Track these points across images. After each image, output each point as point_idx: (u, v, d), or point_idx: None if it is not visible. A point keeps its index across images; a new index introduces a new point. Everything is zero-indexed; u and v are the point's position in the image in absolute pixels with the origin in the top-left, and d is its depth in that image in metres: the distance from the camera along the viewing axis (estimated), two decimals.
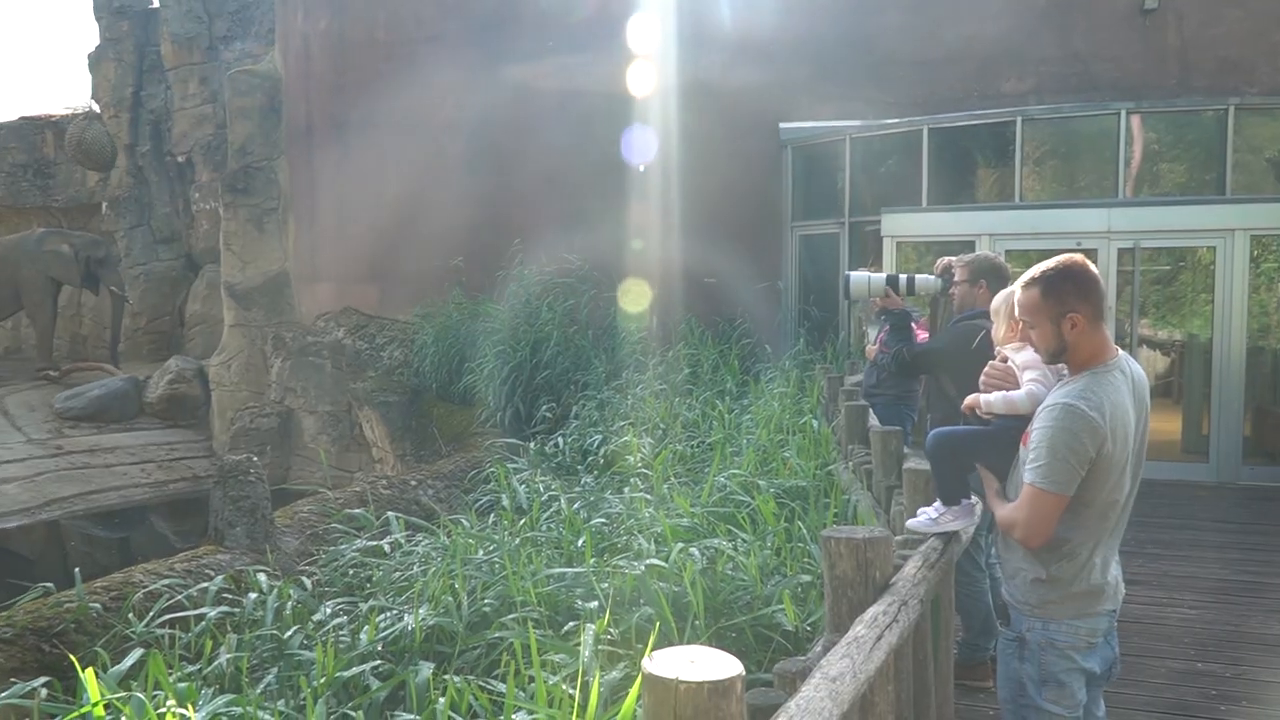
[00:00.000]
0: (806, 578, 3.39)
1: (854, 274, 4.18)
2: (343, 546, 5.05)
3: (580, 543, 4.02)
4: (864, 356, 7.27)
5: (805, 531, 3.83)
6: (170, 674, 2.86)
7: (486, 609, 3.53)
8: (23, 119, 21.86)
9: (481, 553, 4.12)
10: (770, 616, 3.14)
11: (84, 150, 19.68)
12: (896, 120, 10.31)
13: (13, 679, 3.32)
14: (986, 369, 2.78)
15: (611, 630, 2.91)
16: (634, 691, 2.19)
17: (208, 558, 5.51)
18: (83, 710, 2.30)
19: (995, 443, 2.69)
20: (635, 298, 10.69)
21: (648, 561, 3.42)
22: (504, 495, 5.72)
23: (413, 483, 7.79)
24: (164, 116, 19.99)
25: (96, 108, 20.75)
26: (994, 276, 3.66)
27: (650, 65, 11.42)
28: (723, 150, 11.29)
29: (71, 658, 2.73)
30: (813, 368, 8.84)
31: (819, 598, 3.39)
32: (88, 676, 2.37)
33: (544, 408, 9.43)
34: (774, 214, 11.34)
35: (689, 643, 2.90)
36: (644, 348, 10.29)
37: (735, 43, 11.10)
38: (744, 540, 3.74)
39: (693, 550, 3.44)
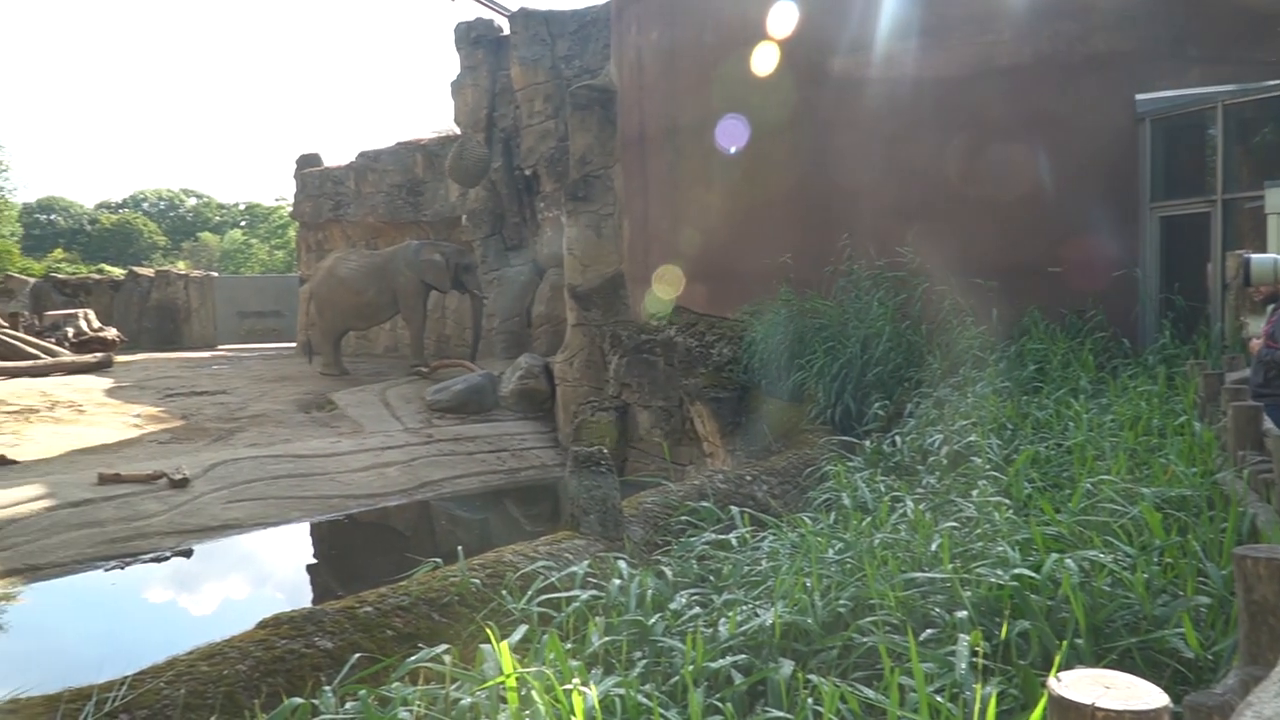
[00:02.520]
0: (1204, 600, 3.04)
1: (1256, 257, 3.70)
2: (692, 539, 5.22)
3: (934, 547, 3.87)
4: (1244, 350, 6.48)
5: (1198, 547, 3.44)
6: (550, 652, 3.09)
7: (841, 609, 3.49)
8: (399, 144, 24.73)
9: (831, 552, 4.10)
10: (1163, 640, 2.85)
11: (481, 167, 21.71)
12: None
13: (419, 644, 3.75)
14: None
15: (982, 642, 2.77)
16: (1036, 714, 2.07)
17: (566, 542, 5.91)
18: (495, 681, 2.55)
19: None
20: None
21: (1015, 570, 3.23)
22: (844, 494, 5.65)
23: (748, 478, 7.91)
24: (513, 134, 21.81)
25: (458, 130, 23.04)
26: None
27: (985, 45, 10.82)
28: (1068, 128, 10.48)
29: (489, 630, 3.02)
30: (1181, 363, 7.98)
31: (1218, 623, 3.04)
32: (501, 649, 2.61)
33: (876, 405, 9.22)
34: (1128, 194, 10.35)
35: (1070, 664, 2.70)
36: (983, 343, 9.79)
37: (1086, 10, 10.25)
38: (1126, 553, 3.43)
39: (1068, 561, 3.20)
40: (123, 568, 10.16)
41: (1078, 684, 1.54)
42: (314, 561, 11.80)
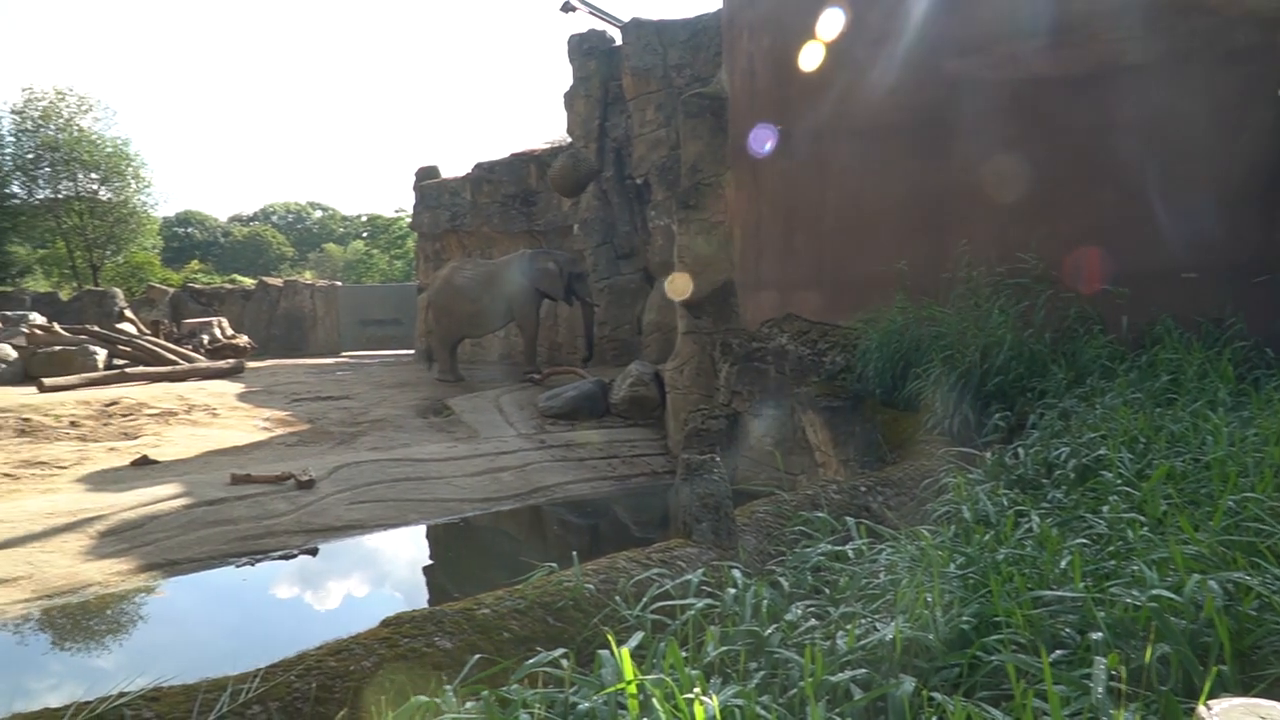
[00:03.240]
0: None
1: None
2: (807, 549, 5.14)
3: (1063, 564, 3.72)
4: None
5: None
6: (667, 659, 3.08)
7: (964, 626, 3.39)
8: (512, 156, 25.26)
9: (953, 566, 3.98)
10: None
11: (589, 178, 22.06)
12: None
13: (535, 647, 3.80)
14: None
15: (1119, 665, 2.65)
16: None
17: (678, 550, 5.89)
18: (616, 687, 2.56)
19: None
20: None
21: (1152, 591, 3.07)
22: (965, 507, 5.48)
23: (862, 489, 7.75)
24: (624, 144, 22.01)
25: (569, 140, 23.39)
26: None
27: (1113, 42, 10.41)
28: (1203, 126, 9.99)
29: (609, 636, 3.04)
30: None
31: None
32: (623, 655, 2.62)
33: (996, 416, 8.93)
34: (1270, 196, 9.79)
35: (1215, 692, 2.55)
36: (1111, 352, 9.38)
37: (1225, 4, 9.75)
38: (1275, 576, 3.22)
39: (1210, 583, 3.03)
40: (253, 564, 10.62)
41: (1230, 713, 1.46)
42: (430, 563, 12.10)
